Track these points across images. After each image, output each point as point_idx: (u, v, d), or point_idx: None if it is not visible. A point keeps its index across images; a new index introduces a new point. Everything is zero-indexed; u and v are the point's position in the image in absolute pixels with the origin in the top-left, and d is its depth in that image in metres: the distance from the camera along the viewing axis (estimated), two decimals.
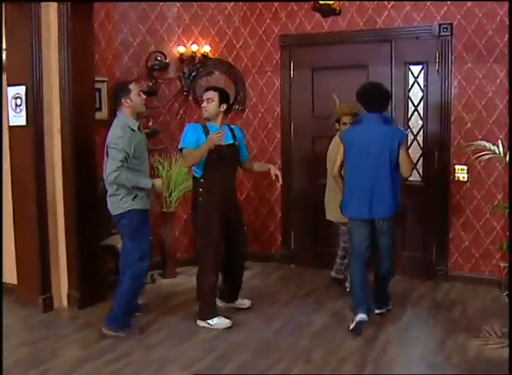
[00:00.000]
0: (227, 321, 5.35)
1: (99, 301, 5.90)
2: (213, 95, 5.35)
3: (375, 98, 5.23)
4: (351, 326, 5.21)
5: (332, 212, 6.10)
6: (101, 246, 6.20)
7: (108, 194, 5.17)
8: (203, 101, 5.41)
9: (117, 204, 5.08)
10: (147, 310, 5.76)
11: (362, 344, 4.96)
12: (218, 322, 5.32)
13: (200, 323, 5.37)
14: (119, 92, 5.16)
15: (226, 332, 5.24)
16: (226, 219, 5.39)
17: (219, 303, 5.65)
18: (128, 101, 5.03)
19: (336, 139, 5.86)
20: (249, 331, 5.26)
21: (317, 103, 7.01)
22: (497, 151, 5.06)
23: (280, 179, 5.52)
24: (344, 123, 5.90)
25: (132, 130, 5.02)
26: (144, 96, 5.22)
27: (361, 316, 5.21)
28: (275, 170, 5.57)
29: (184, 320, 5.53)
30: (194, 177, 5.41)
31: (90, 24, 5.86)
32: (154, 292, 6.37)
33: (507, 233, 5.54)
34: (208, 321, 5.33)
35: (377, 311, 5.59)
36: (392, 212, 5.21)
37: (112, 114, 6.45)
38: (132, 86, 5.10)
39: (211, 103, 5.34)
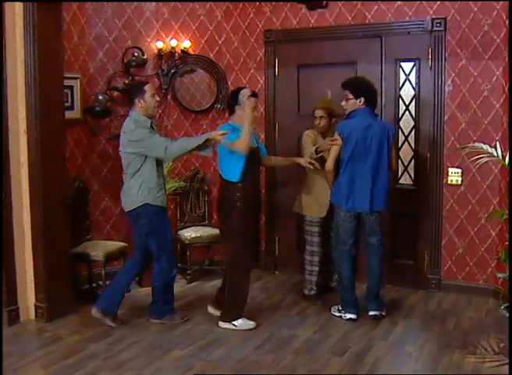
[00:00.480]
0: (251, 322, 5.28)
1: (69, 313, 5.57)
2: None
3: (374, 93, 5.42)
4: (335, 314, 5.55)
5: (298, 205, 5.98)
6: (74, 254, 5.89)
7: (123, 189, 5.24)
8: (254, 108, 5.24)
9: (131, 199, 5.14)
10: (121, 322, 5.41)
11: (350, 362, 4.61)
12: (243, 323, 5.24)
13: (223, 325, 5.27)
14: (132, 91, 5.19)
15: (203, 348, 4.87)
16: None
17: (211, 310, 5.52)
18: (142, 101, 5.07)
19: (310, 133, 5.82)
20: (227, 347, 4.88)
21: (303, 102, 6.65)
22: (495, 154, 4.72)
23: (315, 162, 5.48)
24: (315, 117, 5.75)
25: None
26: (157, 98, 5.27)
27: (351, 316, 5.45)
28: (306, 159, 5.54)
29: (159, 334, 5.19)
30: (228, 182, 5.16)
31: (58, 18, 5.45)
32: (129, 302, 5.96)
33: (505, 242, 5.22)
34: (234, 322, 5.23)
35: (371, 313, 5.47)
36: (387, 203, 5.41)
37: (85, 112, 6.24)
38: (147, 87, 5.14)
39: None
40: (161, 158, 5.12)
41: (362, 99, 5.27)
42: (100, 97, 6.40)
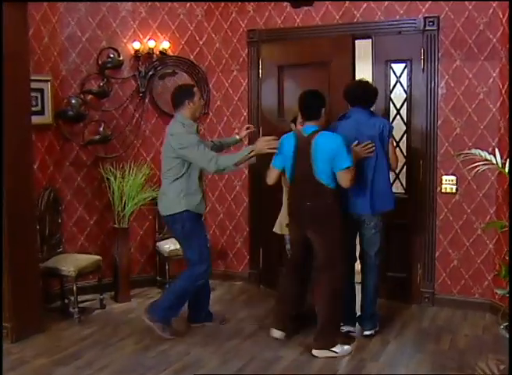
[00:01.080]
0: (346, 347, 4.87)
1: (37, 333, 5.21)
2: None
3: (363, 93, 5.16)
4: None
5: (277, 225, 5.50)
6: (44, 268, 5.56)
7: (161, 192, 5.24)
8: None
9: (169, 204, 5.09)
10: (94, 342, 5.08)
11: None
12: (343, 348, 4.83)
13: (322, 354, 4.77)
14: (181, 93, 5.19)
15: (178, 373, 4.49)
16: None
17: (276, 334, 5.12)
18: (191, 104, 5.10)
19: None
20: (205, 371, 4.52)
21: (287, 105, 6.27)
22: (494, 161, 4.37)
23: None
24: (301, 123, 5.29)
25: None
26: (202, 102, 5.42)
27: (349, 329, 5.22)
28: None
29: (132, 356, 4.82)
30: (330, 190, 4.80)
31: (24, 16, 5.08)
32: (104, 319, 5.67)
33: (505, 257, 4.89)
34: (333, 349, 4.79)
35: (366, 333, 5.20)
36: (394, 204, 5.18)
37: (57, 116, 5.94)
38: (196, 89, 5.23)
39: None
40: (203, 169, 5.11)
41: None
42: (73, 100, 6.06)
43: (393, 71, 5.99)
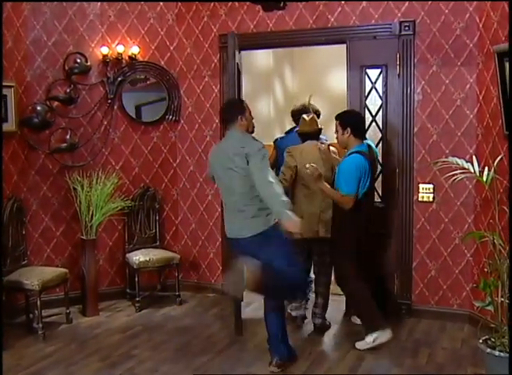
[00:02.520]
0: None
1: None
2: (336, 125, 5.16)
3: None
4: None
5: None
6: (7, 282, 5.33)
7: (249, 215, 4.53)
8: None
9: (261, 221, 4.52)
10: (58, 359, 4.84)
11: None
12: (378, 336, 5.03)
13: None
14: (232, 109, 4.82)
15: None
16: None
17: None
18: (244, 119, 4.73)
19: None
20: None
21: None
22: (471, 169, 4.24)
23: None
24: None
25: None
26: (252, 116, 4.98)
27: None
28: None
29: (98, 374, 4.59)
30: None
31: None
32: (70, 335, 5.44)
33: (484, 268, 4.74)
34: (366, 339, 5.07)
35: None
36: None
37: (21, 124, 5.79)
38: (246, 104, 4.89)
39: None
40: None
41: None
42: (38, 107, 5.87)
43: (368, 77, 5.88)
